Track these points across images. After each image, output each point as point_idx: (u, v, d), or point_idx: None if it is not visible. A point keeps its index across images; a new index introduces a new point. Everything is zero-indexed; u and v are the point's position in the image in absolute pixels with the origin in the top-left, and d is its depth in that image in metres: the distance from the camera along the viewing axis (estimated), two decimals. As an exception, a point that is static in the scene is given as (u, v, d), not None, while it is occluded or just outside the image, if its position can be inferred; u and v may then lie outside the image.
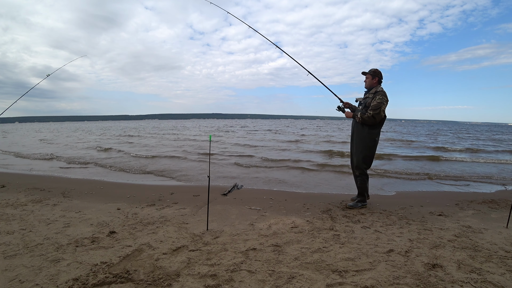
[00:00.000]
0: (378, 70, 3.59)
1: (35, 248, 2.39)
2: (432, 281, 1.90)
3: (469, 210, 3.76)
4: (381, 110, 3.39)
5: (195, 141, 16.05)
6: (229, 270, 2.04)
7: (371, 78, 3.59)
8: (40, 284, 1.86)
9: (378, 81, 3.58)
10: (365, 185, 3.72)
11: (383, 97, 3.42)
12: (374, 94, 3.50)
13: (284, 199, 4.32)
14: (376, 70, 3.59)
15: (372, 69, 3.61)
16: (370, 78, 3.60)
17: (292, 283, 1.88)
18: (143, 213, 3.50)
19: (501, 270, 2.07)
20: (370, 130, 3.56)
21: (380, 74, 3.57)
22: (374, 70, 3.59)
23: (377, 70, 3.59)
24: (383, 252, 2.36)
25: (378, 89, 3.52)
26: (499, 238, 2.71)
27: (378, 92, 3.48)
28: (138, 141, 16.02)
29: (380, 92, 3.46)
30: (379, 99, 3.41)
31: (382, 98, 3.41)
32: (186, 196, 4.44)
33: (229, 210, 3.68)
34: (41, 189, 4.80)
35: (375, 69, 3.59)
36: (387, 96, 3.49)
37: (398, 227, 3.00)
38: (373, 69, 3.60)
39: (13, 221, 3.11)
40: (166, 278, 1.94)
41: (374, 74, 3.57)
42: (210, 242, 2.57)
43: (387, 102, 3.45)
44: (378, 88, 3.53)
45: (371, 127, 3.55)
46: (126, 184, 5.53)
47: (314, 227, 2.99)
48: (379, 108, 3.39)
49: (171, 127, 40.96)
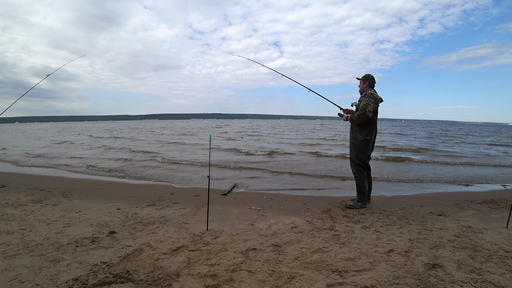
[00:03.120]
0: (369, 75, 3.86)
1: (35, 248, 2.39)
2: (432, 281, 1.90)
3: (469, 210, 3.76)
4: (366, 111, 3.61)
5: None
6: (229, 270, 2.04)
7: (362, 82, 3.87)
8: (40, 284, 1.86)
9: (368, 85, 3.84)
10: (363, 183, 3.81)
11: (370, 99, 3.65)
12: (363, 97, 3.76)
13: (284, 199, 4.33)
14: (367, 75, 3.87)
15: (364, 75, 3.91)
16: (362, 83, 3.88)
17: (292, 283, 1.88)
18: (143, 213, 3.50)
19: (501, 270, 2.07)
20: (360, 130, 3.80)
21: (370, 79, 3.84)
22: (365, 75, 3.89)
23: (368, 75, 3.86)
24: (383, 252, 2.36)
25: (367, 92, 3.77)
26: (499, 238, 2.71)
27: (366, 94, 3.74)
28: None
29: (368, 95, 3.71)
30: (365, 101, 3.66)
31: (368, 100, 3.65)
32: (186, 196, 4.44)
33: (229, 210, 3.68)
34: (41, 189, 4.80)
35: (366, 74, 3.89)
36: (377, 97, 3.70)
37: (398, 227, 3.01)
38: (364, 75, 3.90)
39: (13, 221, 3.11)
40: (166, 278, 1.94)
41: (365, 79, 3.86)
42: (210, 242, 2.57)
43: (374, 103, 3.66)
44: (367, 91, 3.78)
45: (361, 127, 3.79)
46: (126, 184, 5.53)
47: (314, 227, 2.99)
48: (365, 109, 3.62)
49: (181, 128, 36.95)
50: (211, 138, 3.02)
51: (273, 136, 20.92)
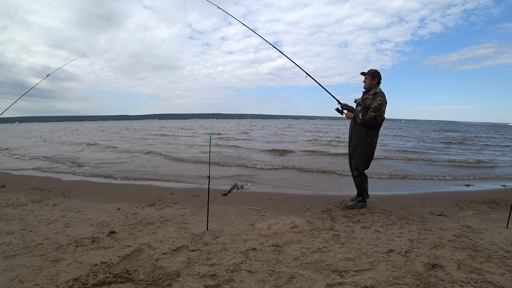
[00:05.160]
0: (377, 71, 3.59)
1: (35, 248, 2.39)
2: (432, 281, 1.90)
3: (469, 210, 3.76)
4: (382, 112, 3.41)
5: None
6: (229, 270, 2.04)
7: (371, 78, 3.58)
8: (40, 284, 1.86)
9: (377, 82, 3.58)
10: (364, 185, 3.73)
11: (383, 99, 3.43)
12: (373, 95, 3.50)
13: (284, 199, 4.32)
14: (376, 71, 3.59)
15: (372, 70, 3.61)
16: (370, 79, 3.59)
17: (292, 283, 1.88)
18: (143, 213, 3.50)
19: (501, 270, 2.07)
20: (369, 132, 3.56)
21: (380, 75, 3.57)
22: (374, 70, 3.59)
23: (376, 70, 3.59)
24: (383, 252, 2.36)
25: (377, 91, 3.52)
26: (499, 238, 2.71)
27: (377, 93, 3.49)
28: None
29: (379, 94, 3.47)
30: (379, 100, 3.41)
31: (382, 100, 3.42)
32: (186, 196, 4.44)
33: (229, 210, 3.67)
34: (41, 189, 4.80)
35: (375, 70, 3.59)
36: (386, 97, 3.50)
37: (398, 227, 3.00)
38: (372, 70, 3.60)
39: (13, 221, 3.11)
40: (166, 278, 1.94)
41: (374, 75, 3.56)
42: (210, 242, 2.57)
43: (386, 104, 3.47)
44: (377, 89, 3.54)
45: (369, 128, 3.55)
46: (126, 184, 5.53)
47: (314, 227, 2.99)
48: (380, 110, 3.40)
49: (158, 128, 29.98)
50: (211, 138, 3.02)
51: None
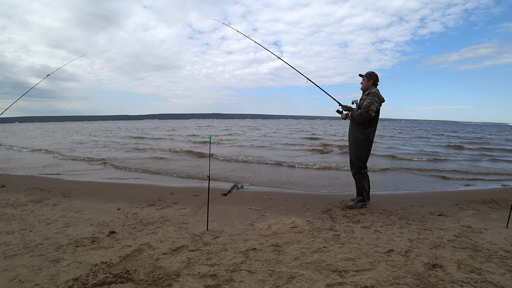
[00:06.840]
0: (374, 72, 3.73)
1: (35, 248, 2.39)
2: (432, 281, 1.90)
3: (469, 210, 3.76)
4: (370, 109, 3.52)
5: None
6: (229, 270, 2.04)
7: (367, 80, 3.74)
8: (40, 284, 1.86)
9: (373, 83, 3.72)
10: (362, 184, 3.78)
11: (374, 98, 3.56)
12: (367, 95, 3.65)
13: (284, 199, 4.32)
14: (372, 72, 3.73)
15: (368, 72, 3.76)
16: (366, 80, 3.75)
17: (292, 283, 1.88)
18: (143, 213, 3.50)
19: (501, 270, 2.07)
20: (363, 130, 3.69)
21: (376, 77, 3.71)
22: (370, 72, 3.73)
23: (373, 72, 3.73)
24: (383, 252, 2.36)
25: (371, 91, 3.66)
26: (499, 238, 2.71)
27: (370, 93, 3.63)
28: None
29: (372, 93, 3.61)
30: (369, 99, 3.56)
31: (372, 99, 3.55)
32: (186, 196, 4.44)
33: (229, 210, 3.67)
34: (41, 189, 4.80)
35: (371, 72, 3.74)
36: (381, 97, 3.61)
37: (398, 227, 3.00)
38: (369, 72, 3.75)
39: (13, 221, 3.11)
40: (166, 278, 1.94)
41: (370, 76, 3.71)
42: (210, 242, 2.57)
43: (378, 103, 3.58)
44: (371, 90, 3.67)
45: (364, 127, 3.68)
46: (126, 184, 5.53)
47: (314, 227, 2.99)
48: (368, 107, 3.53)
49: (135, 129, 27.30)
50: (211, 138, 3.03)
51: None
